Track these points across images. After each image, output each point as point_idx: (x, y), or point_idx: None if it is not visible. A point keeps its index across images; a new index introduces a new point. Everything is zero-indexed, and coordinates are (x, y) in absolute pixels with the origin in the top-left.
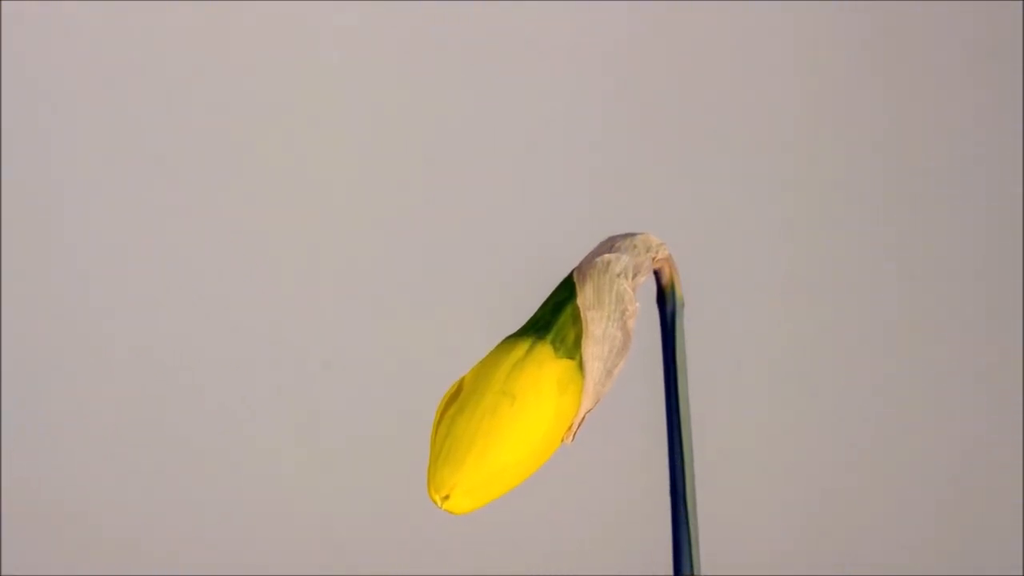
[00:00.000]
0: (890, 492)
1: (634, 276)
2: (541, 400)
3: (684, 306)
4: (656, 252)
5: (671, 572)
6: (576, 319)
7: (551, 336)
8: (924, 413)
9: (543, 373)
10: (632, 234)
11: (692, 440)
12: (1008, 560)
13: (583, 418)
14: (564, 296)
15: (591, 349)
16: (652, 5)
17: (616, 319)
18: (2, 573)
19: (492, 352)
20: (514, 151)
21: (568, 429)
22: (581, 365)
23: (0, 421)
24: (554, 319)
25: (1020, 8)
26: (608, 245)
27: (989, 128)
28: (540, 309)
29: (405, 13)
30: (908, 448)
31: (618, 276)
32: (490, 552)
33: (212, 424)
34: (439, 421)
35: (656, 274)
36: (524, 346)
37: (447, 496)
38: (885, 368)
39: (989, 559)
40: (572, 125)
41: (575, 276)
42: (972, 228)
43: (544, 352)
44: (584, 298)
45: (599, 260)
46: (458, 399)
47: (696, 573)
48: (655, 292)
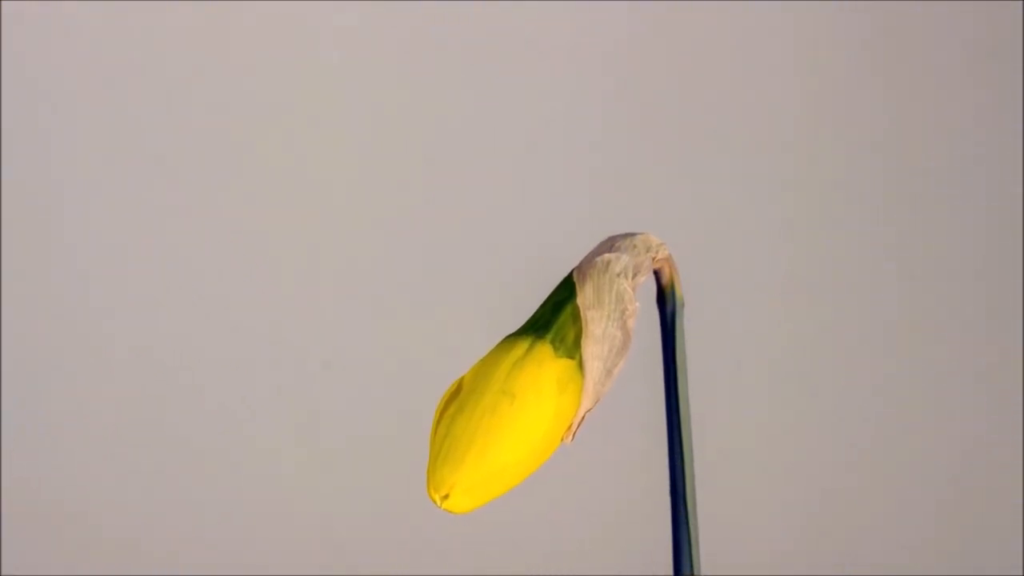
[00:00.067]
0: (890, 492)
1: (634, 276)
2: (541, 399)
3: (684, 306)
4: (656, 252)
5: (671, 572)
6: (576, 318)
7: (551, 335)
8: (924, 413)
9: (543, 372)
10: (632, 234)
11: (692, 440)
12: (1008, 560)
13: (583, 418)
14: (564, 295)
15: (591, 348)
16: (652, 5)
17: (616, 319)
18: (2, 573)
19: (492, 351)
20: (514, 151)
21: (568, 429)
22: (581, 364)
23: (0, 421)
24: (554, 318)
25: (1020, 8)
26: (608, 245)
27: (989, 128)
28: (540, 308)
29: (405, 13)
30: (908, 448)
31: (618, 276)
32: (490, 552)
33: (212, 424)
34: (439, 420)
35: (656, 274)
36: (524, 345)
37: (447, 495)
38: (885, 368)
39: (989, 559)
40: (572, 125)
41: (575, 276)
42: (972, 228)
43: (544, 351)
44: (584, 297)
45: (599, 260)
46: (458, 398)
47: (696, 573)
48: (655, 292)
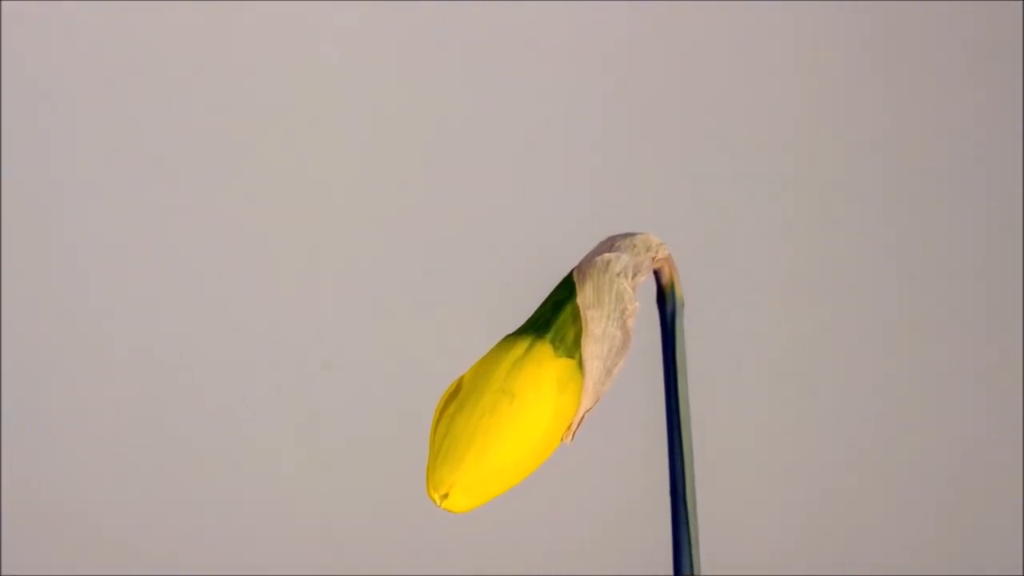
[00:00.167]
0: (890, 492)
1: (634, 275)
2: (540, 399)
3: (684, 306)
4: (656, 252)
5: (671, 572)
6: (576, 318)
7: (551, 335)
8: (924, 413)
9: (542, 372)
10: (632, 234)
11: (692, 440)
12: (1008, 560)
13: (583, 417)
14: (564, 295)
15: (591, 348)
16: (652, 5)
17: (616, 318)
18: (2, 573)
19: (491, 350)
20: (514, 151)
21: (568, 428)
22: (581, 364)
23: (0, 421)
24: (554, 318)
25: (1020, 8)
26: (608, 245)
27: (989, 128)
28: (540, 308)
29: (405, 13)
30: (908, 448)
31: (618, 275)
32: (490, 552)
33: (212, 424)
34: (438, 419)
35: (656, 274)
36: (524, 345)
37: (446, 494)
38: (885, 368)
39: (989, 559)
40: (572, 125)
41: (575, 275)
42: (972, 228)
43: (543, 351)
44: (584, 297)
45: (599, 259)
46: (457, 397)
47: (696, 573)
48: (655, 292)
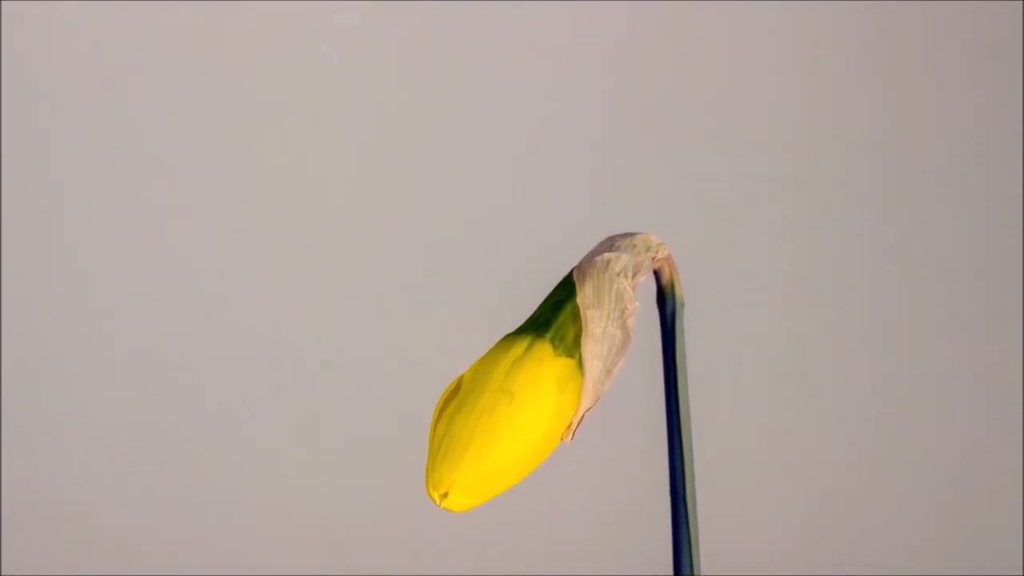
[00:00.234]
0: (890, 492)
1: (634, 275)
2: (540, 398)
3: (684, 306)
4: (656, 252)
5: (671, 572)
6: (576, 318)
7: (550, 334)
8: (924, 413)
9: (542, 371)
10: (632, 234)
11: (692, 440)
12: (1008, 560)
13: (582, 417)
14: (564, 295)
15: (590, 348)
16: (652, 5)
17: (616, 318)
18: (2, 573)
19: (491, 350)
20: (514, 151)
21: (567, 428)
22: (580, 363)
23: (0, 421)
24: (554, 317)
25: (1020, 8)
26: (608, 244)
27: (989, 128)
28: (540, 307)
29: (405, 13)
30: (908, 448)
31: (618, 275)
32: (490, 552)
33: (212, 424)
34: (438, 419)
35: (656, 274)
36: (523, 344)
37: (445, 494)
38: (885, 368)
39: (989, 559)
40: (572, 125)
41: (575, 275)
42: (972, 228)
43: (543, 350)
44: (584, 297)
45: (599, 259)
46: (457, 397)
47: (696, 573)
48: (655, 292)
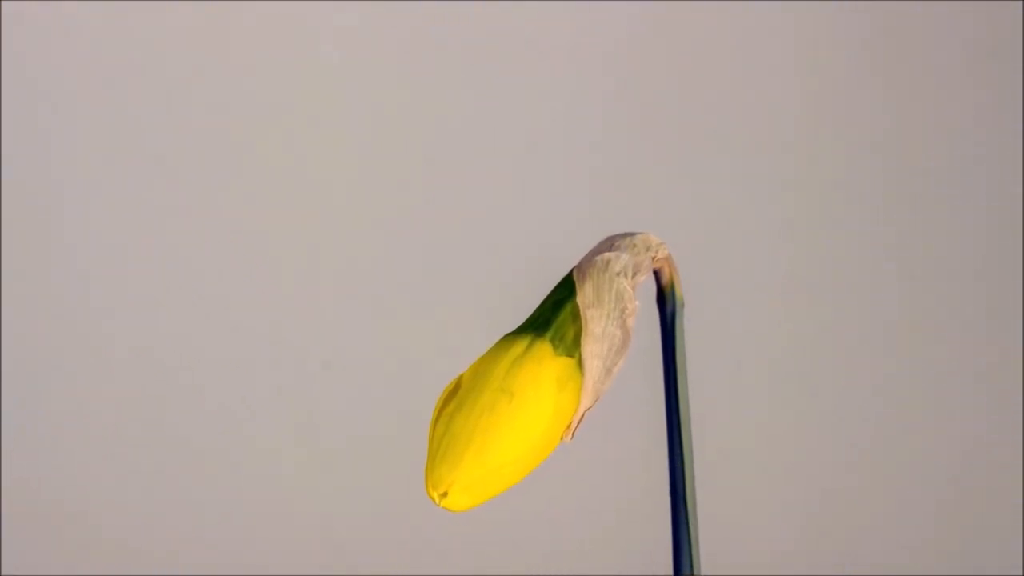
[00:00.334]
0: (890, 492)
1: (634, 275)
2: (540, 397)
3: (684, 306)
4: (656, 252)
5: (671, 572)
6: (575, 317)
7: (550, 334)
8: (924, 413)
9: (542, 370)
10: (632, 233)
11: (692, 440)
12: (1008, 560)
13: (582, 416)
14: (564, 294)
15: (590, 347)
16: (652, 5)
17: (616, 317)
18: (2, 573)
19: (491, 349)
20: (514, 151)
21: (567, 427)
22: (580, 363)
23: (0, 421)
24: (553, 317)
25: (1020, 8)
26: (608, 244)
27: (989, 128)
28: (539, 307)
29: (405, 13)
30: (908, 448)
31: (618, 275)
32: (490, 552)
33: (212, 424)
34: (437, 418)
35: (656, 274)
36: (523, 343)
37: (445, 493)
38: (885, 368)
39: (989, 559)
40: (572, 125)
41: (575, 274)
42: (972, 228)
43: (543, 349)
44: (584, 296)
45: (599, 259)
46: (456, 396)
47: (696, 573)
48: (655, 292)
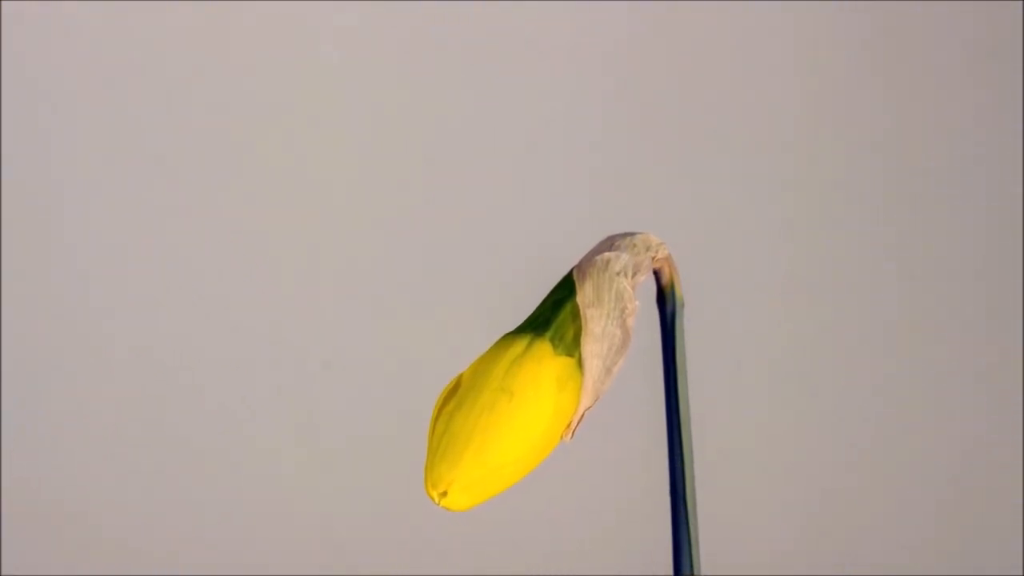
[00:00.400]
0: (890, 492)
1: (634, 275)
2: (539, 397)
3: (684, 306)
4: (656, 251)
5: (671, 572)
6: (575, 317)
7: (550, 333)
8: (924, 413)
9: (542, 370)
10: (632, 233)
11: (692, 440)
12: (1008, 560)
13: (582, 416)
14: (564, 294)
15: (590, 347)
16: (652, 5)
17: (615, 317)
18: (2, 573)
19: (491, 348)
20: (514, 151)
21: (567, 427)
22: (580, 363)
23: (0, 421)
24: (553, 316)
25: (1020, 8)
26: (608, 244)
27: (989, 128)
28: (539, 306)
29: (405, 13)
30: (908, 448)
31: (618, 274)
32: (490, 552)
33: (212, 424)
34: (437, 417)
35: (656, 274)
36: (523, 343)
37: (444, 492)
38: (885, 368)
39: (989, 559)
40: (572, 125)
41: (575, 274)
42: (972, 228)
43: (543, 349)
44: (584, 296)
45: (599, 258)
46: (456, 395)
47: (696, 573)
48: (655, 292)
